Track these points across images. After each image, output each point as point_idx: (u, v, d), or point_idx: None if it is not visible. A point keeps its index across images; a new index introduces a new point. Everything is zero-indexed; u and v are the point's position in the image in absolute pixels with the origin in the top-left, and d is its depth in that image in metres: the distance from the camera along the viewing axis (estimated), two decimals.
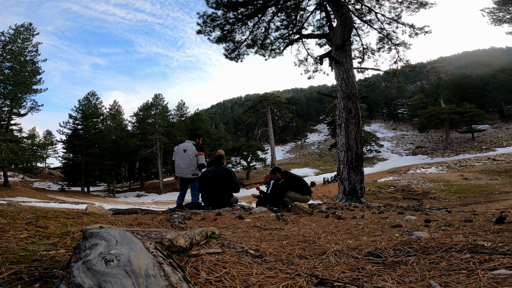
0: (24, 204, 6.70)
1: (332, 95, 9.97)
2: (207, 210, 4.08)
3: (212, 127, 47.01)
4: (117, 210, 3.08)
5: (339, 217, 3.17)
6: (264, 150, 34.88)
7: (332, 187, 20.04)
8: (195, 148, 5.25)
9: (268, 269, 1.10)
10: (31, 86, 24.60)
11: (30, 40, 25.22)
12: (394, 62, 10.63)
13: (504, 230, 1.73)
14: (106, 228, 0.87)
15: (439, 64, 74.64)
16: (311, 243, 1.72)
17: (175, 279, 0.64)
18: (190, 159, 5.15)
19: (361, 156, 7.39)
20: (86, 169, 30.95)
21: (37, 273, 0.79)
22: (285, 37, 10.22)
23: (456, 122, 39.90)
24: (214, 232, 1.64)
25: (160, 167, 33.62)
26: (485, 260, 1.12)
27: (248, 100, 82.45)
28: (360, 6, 9.85)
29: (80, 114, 33.28)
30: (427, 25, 9.43)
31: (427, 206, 6.30)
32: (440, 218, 2.94)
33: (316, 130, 67.68)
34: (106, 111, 37.81)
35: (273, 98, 42.74)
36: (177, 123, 36.48)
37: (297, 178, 4.94)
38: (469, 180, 19.16)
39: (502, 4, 15.67)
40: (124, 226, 1.91)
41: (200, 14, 9.04)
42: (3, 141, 20.16)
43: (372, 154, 42.12)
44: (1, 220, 1.46)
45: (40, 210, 2.41)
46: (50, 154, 49.50)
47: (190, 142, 5.36)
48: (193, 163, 5.14)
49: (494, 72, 50.63)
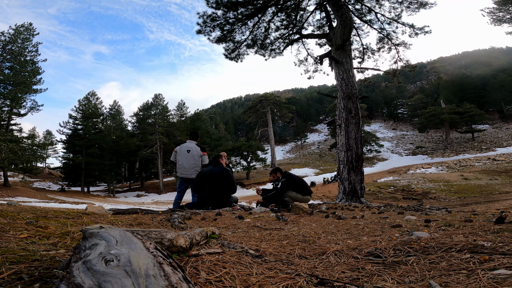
0: (24, 204, 6.70)
1: (332, 95, 9.97)
2: (207, 210, 4.07)
3: (212, 127, 47.02)
4: (117, 210, 3.08)
5: (339, 217, 3.17)
6: (264, 150, 34.88)
7: (332, 187, 20.04)
8: (199, 149, 5.24)
9: (268, 269, 1.10)
10: (31, 86, 24.61)
11: (30, 40, 25.23)
12: (394, 62, 10.64)
13: (504, 230, 1.73)
14: (106, 228, 0.87)
15: (439, 64, 74.60)
16: (311, 243, 1.72)
17: (175, 279, 0.65)
18: (194, 159, 5.14)
19: (361, 156, 7.39)
20: (86, 169, 30.95)
21: (37, 273, 0.79)
22: (285, 37, 10.22)
23: (456, 122, 39.91)
24: (214, 232, 1.64)
25: (160, 167, 33.62)
26: (485, 260, 1.12)
27: (248, 100, 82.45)
28: (360, 6, 9.85)
29: (80, 114, 33.29)
30: (427, 25, 9.43)
31: (427, 206, 6.30)
32: (440, 218, 2.94)
33: (316, 130, 67.68)
34: (106, 111, 37.86)
35: (273, 98, 42.75)
36: (177, 123, 36.51)
37: (298, 178, 4.95)
38: (469, 180, 19.16)
39: (502, 4, 15.68)
40: (124, 226, 1.91)
41: (200, 14, 9.05)
42: (3, 141, 20.16)
43: (372, 154, 42.12)
44: (1, 220, 1.46)
45: (40, 210, 2.41)
46: (50, 154, 49.54)
47: (192, 143, 5.30)
48: (197, 164, 5.14)
49: (494, 72, 50.57)
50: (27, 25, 25.18)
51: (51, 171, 44.94)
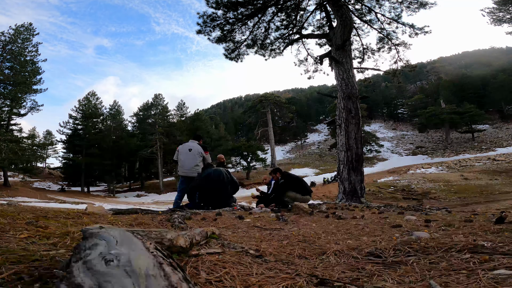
0: (24, 204, 6.69)
1: (332, 95, 9.97)
2: (207, 210, 4.08)
3: (212, 127, 46.99)
4: (117, 210, 3.08)
5: (339, 217, 3.17)
6: (264, 150, 34.90)
7: (332, 187, 20.03)
8: (200, 148, 5.25)
9: (268, 269, 1.10)
10: (31, 86, 24.64)
11: (30, 40, 25.26)
12: (394, 62, 10.64)
13: (504, 230, 1.73)
14: (106, 228, 0.87)
15: (439, 64, 74.48)
16: (311, 243, 1.72)
17: (175, 279, 0.65)
18: (195, 158, 5.15)
19: (361, 156, 7.39)
20: (86, 169, 30.96)
21: (37, 273, 0.79)
22: (285, 37, 10.22)
23: (456, 122, 39.90)
24: (214, 232, 1.64)
25: (160, 167, 33.62)
26: (485, 260, 1.12)
27: (248, 100, 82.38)
28: (360, 6, 9.85)
29: (80, 114, 33.31)
30: (427, 25, 9.43)
31: (427, 206, 6.30)
32: (440, 218, 2.94)
33: (316, 130, 67.65)
34: (106, 111, 37.89)
35: (273, 98, 42.75)
36: (177, 123, 36.52)
37: (297, 178, 4.96)
38: (469, 180, 19.15)
39: (502, 4, 15.68)
40: (124, 226, 1.91)
41: (200, 14, 9.05)
42: (3, 141, 20.18)
43: (372, 154, 42.09)
44: (1, 220, 1.46)
45: (40, 210, 2.41)
46: (50, 154, 49.53)
47: (194, 142, 5.37)
48: (198, 163, 5.15)
49: (494, 72, 50.52)
50: (27, 25, 25.21)
51: (51, 171, 44.95)
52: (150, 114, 36.37)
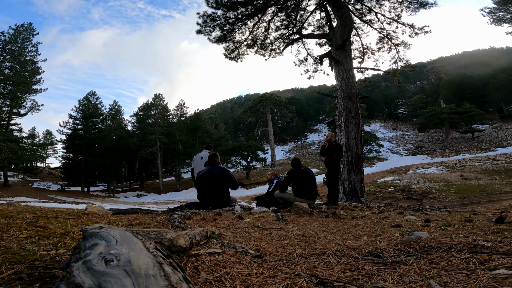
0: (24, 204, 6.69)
1: (332, 95, 9.97)
2: (207, 210, 4.07)
3: (212, 127, 47.00)
4: (117, 210, 3.07)
5: (339, 217, 3.17)
6: (264, 150, 34.85)
7: None
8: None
9: (268, 269, 1.10)
10: (31, 86, 24.63)
11: (30, 40, 25.24)
12: (394, 62, 10.64)
13: (504, 230, 1.73)
14: (106, 228, 0.87)
15: (439, 64, 74.51)
16: (311, 243, 1.72)
17: (175, 279, 0.65)
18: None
19: (361, 156, 7.39)
20: (86, 169, 30.95)
21: (37, 273, 0.79)
22: (285, 37, 10.22)
23: (456, 122, 39.93)
24: (214, 232, 1.64)
25: (160, 167, 33.62)
26: (485, 260, 1.12)
27: (248, 100, 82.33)
28: (360, 6, 9.85)
29: (80, 114, 33.29)
30: (427, 25, 9.43)
31: (427, 206, 6.30)
32: (440, 218, 2.94)
33: (316, 130, 67.61)
34: (106, 111, 37.86)
35: (273, 98, 42.76)
36: (177, 123, 36.50)
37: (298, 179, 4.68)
38: (469, 180, 19.15)
39: (502, 4, 15.69)
40: (124, 226, 1.91)
41: (200, 14, 9.05)
42: (3, 141, 20.18)
43: (372, 154, 42.08)
44: (1, 220, 1.46)
45: (40, 210, 2.41)
46: (50, 154, 49.52)
47: (206, 151, 5.72)
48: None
49: (494, 72, 50.52)
50: (27, 25, 25.19)
51: (51, 171, 44.99)
52: (150, 114, 36.34)
